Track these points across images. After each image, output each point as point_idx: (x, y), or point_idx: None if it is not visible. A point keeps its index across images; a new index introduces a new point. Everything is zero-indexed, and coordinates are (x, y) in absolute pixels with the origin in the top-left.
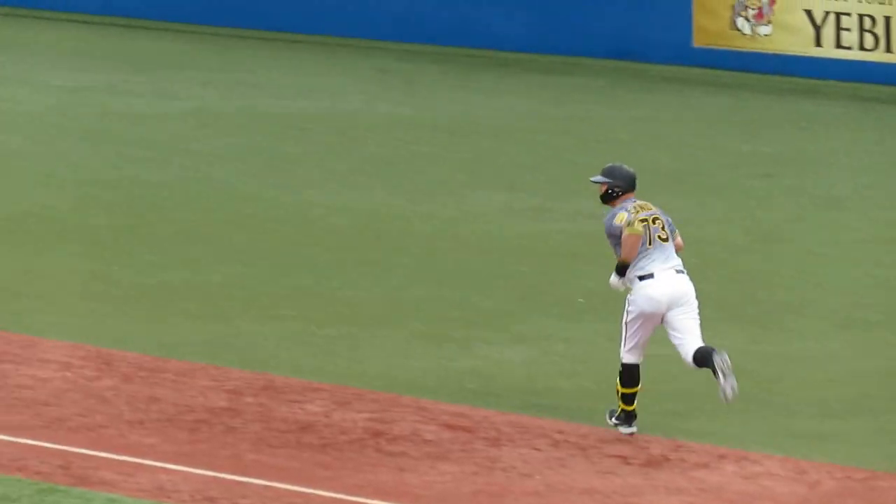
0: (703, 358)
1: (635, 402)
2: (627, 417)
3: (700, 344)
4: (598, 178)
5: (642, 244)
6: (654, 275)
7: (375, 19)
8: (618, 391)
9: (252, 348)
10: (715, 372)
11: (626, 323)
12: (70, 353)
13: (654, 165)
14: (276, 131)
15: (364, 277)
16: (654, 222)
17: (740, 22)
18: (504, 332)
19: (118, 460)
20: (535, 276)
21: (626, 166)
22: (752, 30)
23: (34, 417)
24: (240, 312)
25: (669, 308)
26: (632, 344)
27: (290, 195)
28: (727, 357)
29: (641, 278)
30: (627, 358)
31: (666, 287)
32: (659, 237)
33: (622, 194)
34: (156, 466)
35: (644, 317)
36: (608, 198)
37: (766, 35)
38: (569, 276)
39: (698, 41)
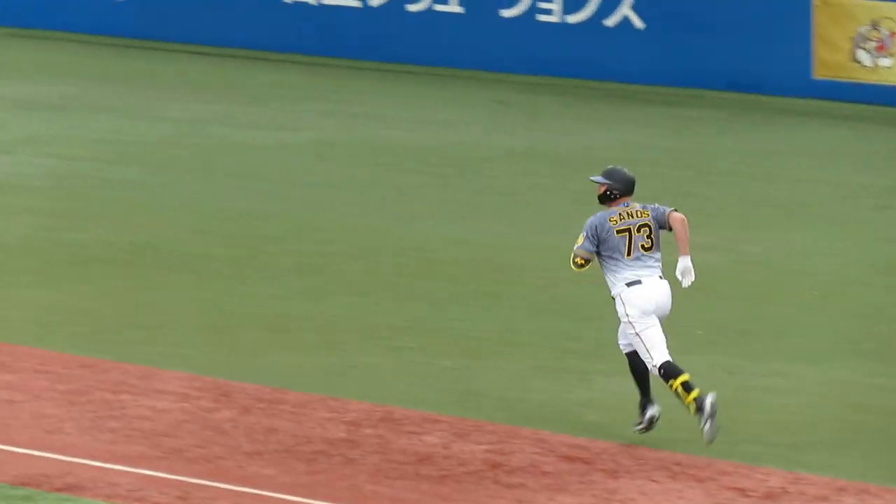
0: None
1: (693, 386)
2: (697, 405)
3: (668, 357)
4: (599, 178)
5: (622, 255)
6: (642, 281)
7: (495, 51)
8: (675, 389)
9: (370, 380)
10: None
11: (637, 333)
12: (188, 384)
13: (774, 197)
14: (394, 163)
15: (482, 309)
16: (638, 231)
17: (861, 54)
18: (622, 364)
19: (236, 491)
20: None
21: (626, 170)
22: (873, 62)
23: (152, 448)
24: (358, 344)
25: (655, 313)
26: (655, 348)
27: (408, 227)
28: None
29: (629, 284)
30: (659, 360)
31: (655, 291)
32: (642, 246)
33: (619, 197)
34: (274, 497)
35: (647, 314)
36: (605, 199)
37: (886, 67)
38: (687, 307)
39: (818, 73)
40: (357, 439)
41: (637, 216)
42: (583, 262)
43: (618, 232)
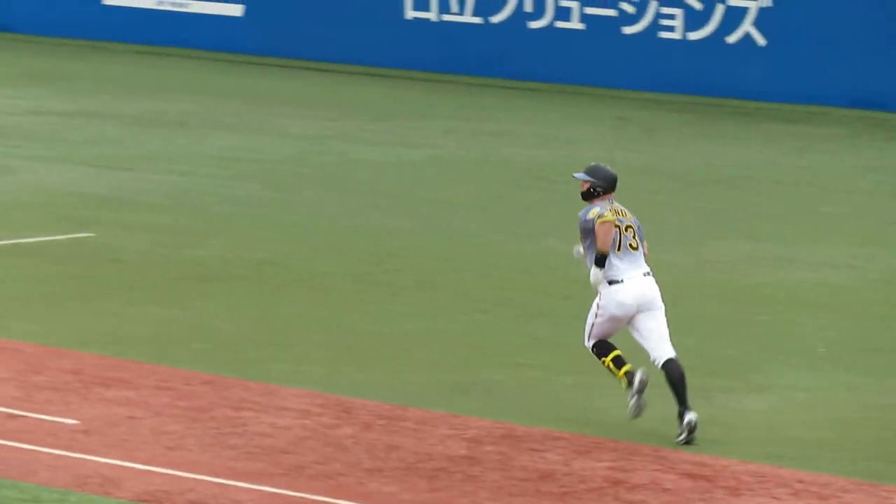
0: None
1: (625, 361)
2: (629, 379)
3: (669, 348)
4: (582, 175)
5: (612, 249)
6: (624, 280)
7: (617, 68)
8: (605, 364)
9: (492, 397)
10: (681, 417)
11: (593, 324)
12: (309, 400)
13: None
14: (515, 179)
15: None
16: (626, 230)
17: None
18: (744, 382)
19: None
20: (775, 325)
21: (609, 167)
22: None
23: (273, 465)
24: (479, 361)
25: (638, 311)
26: (595, 336)
27: (529, 243)
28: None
29: (611, 283)
30: (590, 343)
31: (636, 291)
32: (630, 245)
33: (603, 194)
34: None
35: (613, 319)
36: (588, 196)
37: None
38: (809, 325)
39: None
40: (478, 456)
41: (623, 215)
42: (611, 214)
43: (613, 212)
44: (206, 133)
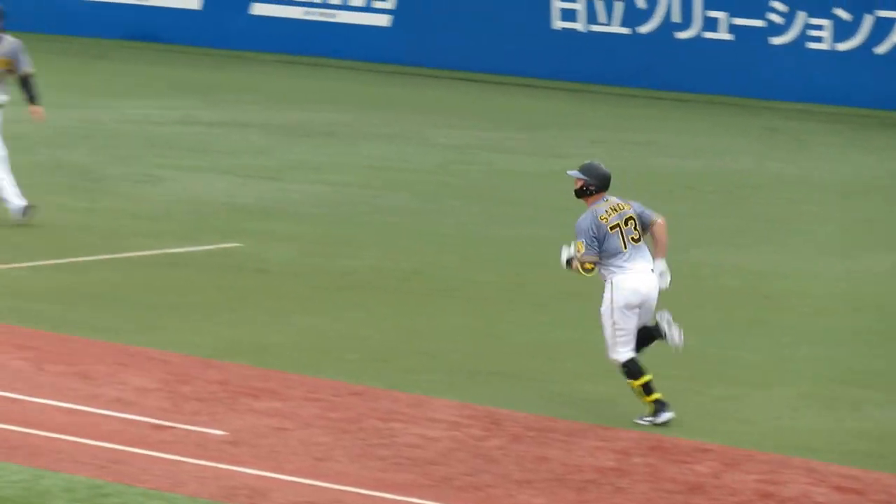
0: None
1: (654, 388)
2: (657, 408)
3: (634, 355)
4: (576, 173)
5: (618, 249)
6: (634, 271)
7: (765, 78)
8: (633, 388)
9: (640, 409)
10: (658, 329)
11: (614, 321)
12: (458, 412)
13: None
14: (664, 190)
15: (753, 337)
16: (626, 223)
17: None
18: None
19: None
20: None
21: (602, 165)
22: None
23: (422, 476)
24: None
25: (642, 304)
26: (623, 340)
27: (678, 254)
28: (667, 314)
29: (622, 272)
30: (624, 356)
31: (646, 282)
32: (632, 238)
33: (596, 192)
34: None
35: (630, 308)
36: (582, 194)
37: None
38: None
39: None
40: (627, 468)
41: (621, 209)
42: (592, 266)
43: (611, 228)
44: (354, 143)
